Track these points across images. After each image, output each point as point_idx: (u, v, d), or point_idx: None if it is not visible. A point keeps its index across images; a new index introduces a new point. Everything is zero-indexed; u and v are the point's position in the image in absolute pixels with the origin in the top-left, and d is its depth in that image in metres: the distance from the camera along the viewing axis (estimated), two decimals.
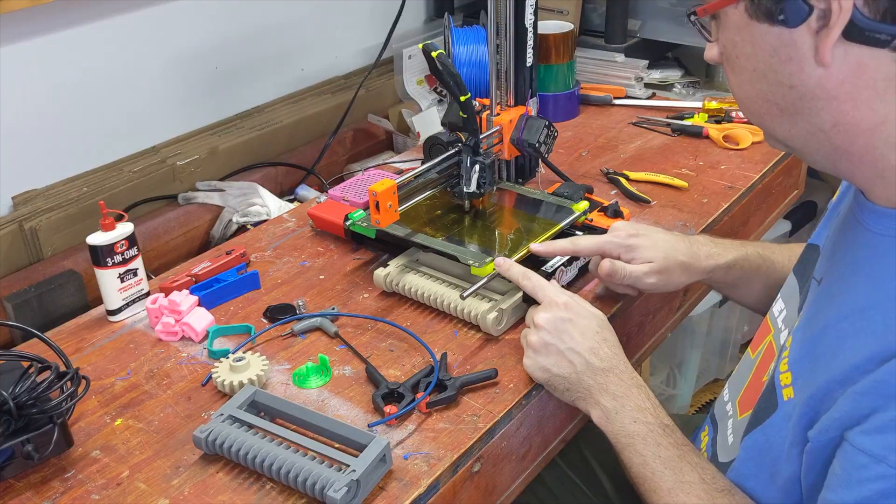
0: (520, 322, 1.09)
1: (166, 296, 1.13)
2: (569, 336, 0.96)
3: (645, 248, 1.07)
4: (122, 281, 1.13)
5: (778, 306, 0.94)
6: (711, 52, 0.80)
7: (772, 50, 0.71)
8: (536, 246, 1.10)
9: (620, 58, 1.79)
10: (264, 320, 1.14)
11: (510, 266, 1.04)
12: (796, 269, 0.94)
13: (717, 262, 1.09)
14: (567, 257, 1.14)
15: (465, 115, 1.19)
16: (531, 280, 1.02)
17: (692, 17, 0.78)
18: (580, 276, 1.17)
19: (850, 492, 0.69)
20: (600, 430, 0.95)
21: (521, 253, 1.12)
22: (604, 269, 1.07)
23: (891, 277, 0.72)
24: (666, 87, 1.81)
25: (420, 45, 1.18)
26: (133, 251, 1.14)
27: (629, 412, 0.92)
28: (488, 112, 1.30)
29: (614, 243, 1.08)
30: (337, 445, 0.89)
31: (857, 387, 0.70)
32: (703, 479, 0.86)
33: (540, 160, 1.38)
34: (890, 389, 0.68)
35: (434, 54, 1.14)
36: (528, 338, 0.99)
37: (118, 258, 1.12)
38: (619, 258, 1.07)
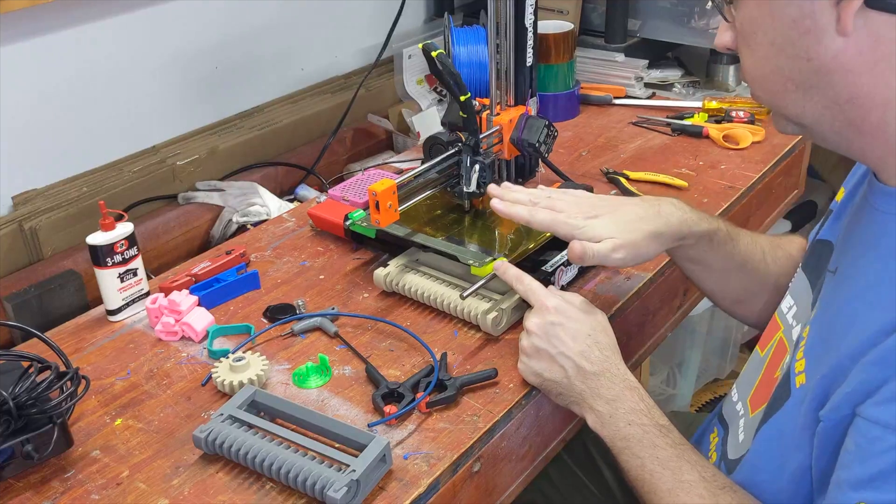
0: (520, 322, 1.09)
1: (166, 296, 1.13)
2: (559, 340, 0.95)
3: (602, 226, 0.98)
4: (122, 281, 1.13)
5: (787, 303, 0.94)
6: (724, 38, 0.81)
7: (791, 22, 0.72)
8: (497, 203, 1.03)
9: (620, 58, 1.79)
10: (264, 320, 1.14)
11: (506, 269, 1.04)
12: (806, 265, 0.94)
13: (692, 229, 1.02)
14: (566, 258, 1.14)
15: (465, 115, 1.19)
16: (524, 283, 1.01)
17: None
18: (580, 275, 1.17)
19: (864, 466, 0.69)
20: None
21: (520, 251, 1.12)
22: (575, 253, 0.98)
23: None
24: (666, 86, 1.81)
25: (420, 45, 1.18)
26: (133, 251, 1.14)
27: (623, 415, 0.91)
28: (488, 112, 1.30)
29: (569, 224, 0.99)
30: (337, 445, 0.89)
31: (866, 359, 0.70)
32: (703, 477, 0.86)
33: (540, 160, 1.38)
34: None
35: (434, 54, 1.14)
36: (520, 342, 0.99)
37: (118, 258, 1.12)
38: (571, 237, 0.99)
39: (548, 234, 1.17)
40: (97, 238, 1.11)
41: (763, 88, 0.79)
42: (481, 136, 1.23)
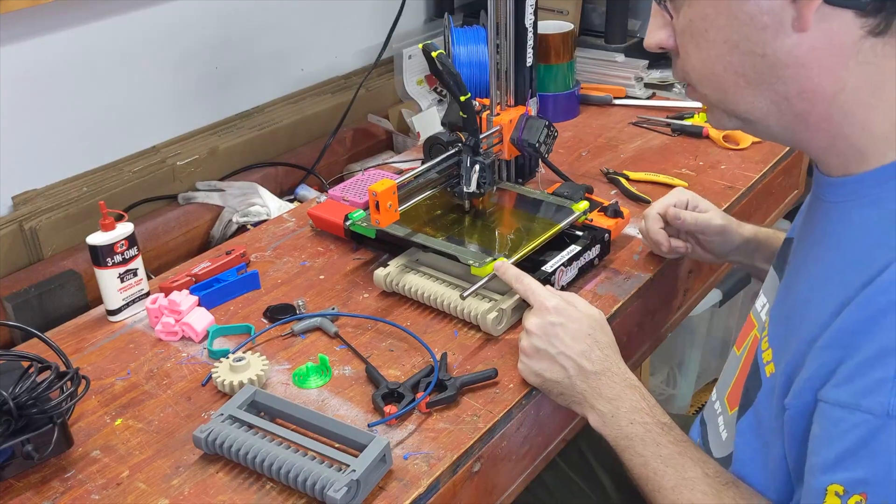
0: (520, 322, 1.09)
1: (166, 296, 1.13)
2: (559, 341, 0.95)
3: (706, 202, 1.18)
4: (122, 281, 1.13)
5: (760, 301, 0.96)
6: (658, 36, 0.81)
7: (748, 18, 0.73)
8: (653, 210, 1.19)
9: (620, 58, 1.79)
10: (264, 320, 1.14)
11: (506, 269, 1.04)
12: (775, 263, 0.96)
13: (743, 233, 1.15)
14: (567, 258, 1.14)
15: (465, 115, 1.19)
16: (523, 283, 1.02)
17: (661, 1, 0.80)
18: (580, 276, 1.18)
19: (831, 448, 0.70)
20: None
21: (522, 252, 1.12)
22: (671, 213, 1.16)
23: (848, 239, 0.75)
24: (666, 87, 1.81)
25: (420, 45, 1.18)
26: (133, 251, 1.14)
27: (625, 414, 0.91)
28: (488, 112, 1.30)
29: (682, 199, 1.18)
30: (337, 445, 0.89)
31: (819, 342, 0.72)
32: (706, 473, 0.86)
33: (540, 160, 1.38)
34: (849, 337, 0.69)
35: (434, 54, 1.14)
36: (520, 343, 0.99)
37: (118, 258, 1.12)
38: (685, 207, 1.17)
39: (548, 234, 1.17)
40: (97, 238, 1.11)
41: (712, 86, 0.79)
42: (481, 137, 1.23)
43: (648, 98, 1.78)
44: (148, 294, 1.17)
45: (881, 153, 0.74)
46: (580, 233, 1.20)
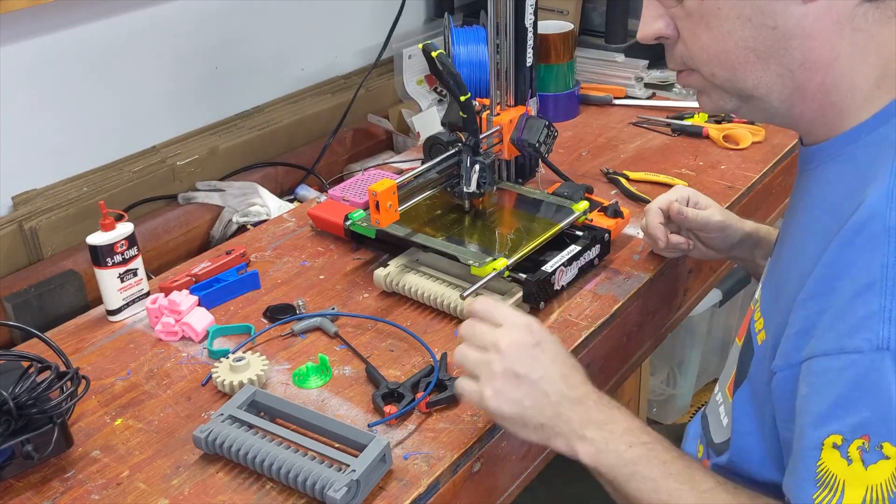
0: None
1: (166, 296, 1.13)
2: (540, 364, 0.83)
3: (706, 198, 1.19)
4: (122, 281, 1.13)
5: (759, 293, 0.95)
6: (656, 26, 0.82)
7: None
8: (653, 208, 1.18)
9: (620, 58, 1.79)
10: (264, 320, 1.14)
11: (471, 302, 0.90)
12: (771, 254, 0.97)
13: (744, 228, 1.16)
14: (567, 258, 1.14)
15: (465, 115, 1.19)
16: (483, 302, 0.88)
17: None
18: (580, 275, 1.17)
19: (820, 401, 0.68)
20: None
21: (522, 252, 1.12)
22: (674, 209, 1.15)
23: (826, 196, 0.78)
24: (666, 87, 1.81)
25: (420, 45, 1.18)
26: (133, 251, 1.14)
27: (621, 437, 0.81)
28: (488, 112, 1.30)
29: (683, 195, 1.18)
30: (337, 445, 0.89)
31: (802, 293, 0.73)
32: (718, 482, 0.80)
33: (540, 160, 1.39)
34: (828, 283, 0.70)
35: (434, 54, 1.14)
36: (490, 366, 0.83)
37: (118, 258, 1.12)
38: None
39: (548, 234, 1.17)
40: (97, 238, 1.11)
41: (721, 63, 0.80)
42: (481, 137, 1.24)
43: (648, 98, 1.78)
44: (148, 294, 1.17)
45: (857, 115, 0.77)
46: (580, 233, 1.20)
